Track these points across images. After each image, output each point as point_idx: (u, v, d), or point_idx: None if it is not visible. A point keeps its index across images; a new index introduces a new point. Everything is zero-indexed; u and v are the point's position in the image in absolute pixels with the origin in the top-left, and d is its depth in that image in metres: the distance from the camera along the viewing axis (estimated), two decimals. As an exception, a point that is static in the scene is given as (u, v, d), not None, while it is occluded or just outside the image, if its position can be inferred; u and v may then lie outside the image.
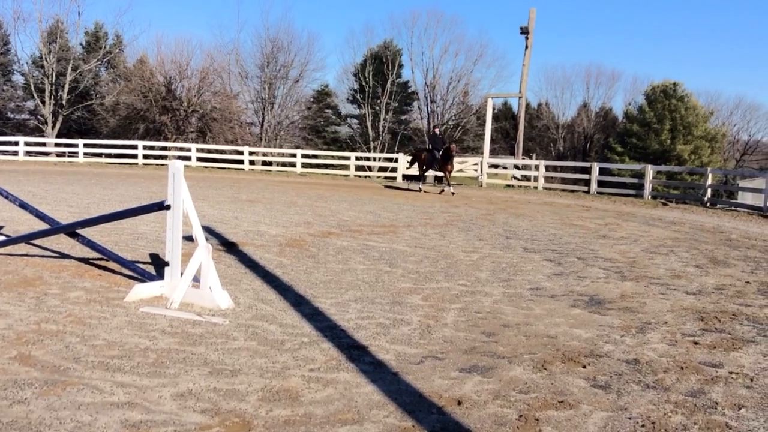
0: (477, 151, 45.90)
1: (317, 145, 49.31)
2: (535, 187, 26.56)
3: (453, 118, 50.28)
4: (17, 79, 48.37)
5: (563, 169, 36.84)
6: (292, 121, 48.50)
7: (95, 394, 3.64)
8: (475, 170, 28.85)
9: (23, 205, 7.52)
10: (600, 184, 24.54)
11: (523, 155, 33.85)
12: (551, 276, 7.83)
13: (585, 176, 25.29)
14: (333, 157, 35.46)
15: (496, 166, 30.38)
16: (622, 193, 23.57)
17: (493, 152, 41.00)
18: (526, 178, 28.66)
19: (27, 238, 7.55)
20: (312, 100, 51.59)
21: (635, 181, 23.55)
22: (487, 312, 5.96)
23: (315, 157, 35.12)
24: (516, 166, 30.18)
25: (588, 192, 24.27)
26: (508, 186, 28.10)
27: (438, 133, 23.97)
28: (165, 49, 44.74)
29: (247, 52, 50.09)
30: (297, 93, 48.55)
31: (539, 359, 4.59)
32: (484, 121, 32.03)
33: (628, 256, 9.50)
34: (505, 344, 4.96)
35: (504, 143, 54.95)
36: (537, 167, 27.23)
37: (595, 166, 24.54)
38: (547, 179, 27.88)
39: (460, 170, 30.02)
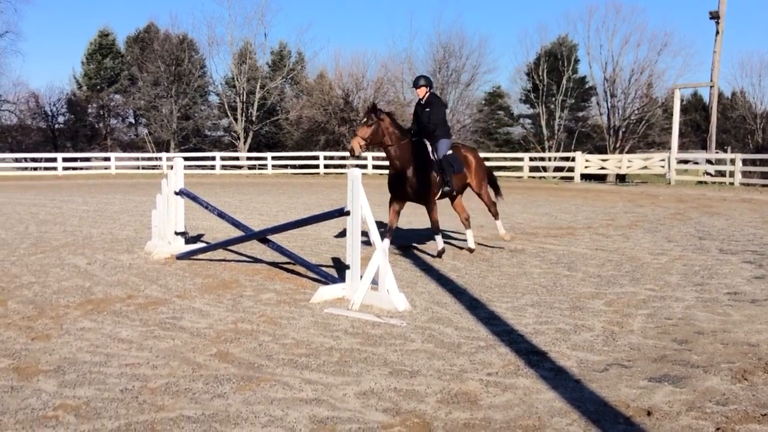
0: (663, 146, 43.05)
1: (489, 147, 48.95)
2: (731, 183, 24.41)
3: (636, 112, 47.55)
4: (213, 99, 53.23)
5: (763, 162, 33.47)
6: (464, 124, 48.59)
7: (286, 390, 3.87)
8: (662, 167, 27.08)
9: (221, 215, 8.22)
10: (809, 177, 21.97)
11: (716, 149, 31.20)
12: (752, 279, 7.13)
13: (790, 169, 22.77)
14: (505, 158, 35.09)
15: (685, 162, 28.31)
16: (836, 187, 20.98)
17: (682, 147, 38.23)
18: (721, 174, 26.39)
19: (224, 245, 8.25)
20: (483, 102, 51.40)
21: None
22: (679, 318, 5.54)
23: (487, 159, 34.91)
24: (708, 161, 27.90)
25: (794, 186, 21.85)
26: (700, 182, 26.08)
27: (422, 100, 8.95)
28: (342, 62, 46.84)
29: (420, 60, 50.92)
30: (468, 96, 48.62)
31: (738, 369, 4.19)
32: (671, 114, 30.03)
33: None
34: (699, 352, 4.59)
35: (694, 137, 51.03)
36: (733, 161, 25.03)
37: (803, 158, 22.04)
38: (745, 174, 25.47)
39: (645, 167, 28.25)
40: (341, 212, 6.26)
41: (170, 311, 5.76)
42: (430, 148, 8.71)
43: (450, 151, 8.93)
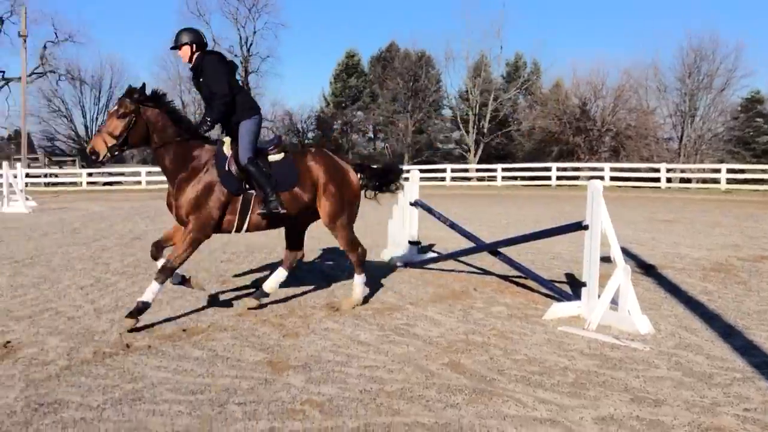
0: None
1: (745, 158, 44.13)
2: None
3: None
4: (446, 113, 54.79)
5: None
6: (716, 133, 44.38)
7: (519, 408, 3.79)
8: None
9: (452, 225, 8.34)
10: None
11: None
12: None
13: None
14: (764, 171, 31.35)
15: None
16: None
17: None
18: None
19: (455, 255, 8.35)
20: (739, 109, 46.52)
21: None
22: None
23: (742, 171, 31.55)
24: None
25: None
26: None
27: (191, 67, 5.86)
28: (580, 71, 45.48)
29: (666, 65, 47.12)
30: (722, 103, 44.29)
31: None
32: None
33: None
34: None
35: None
36: None
37: None
38: None
39: None
40: (579, 226, 6.01)
41: (404, 318, 5.96)
42: (229, 152, 5.79)
43: (275, 151, 6.07)
